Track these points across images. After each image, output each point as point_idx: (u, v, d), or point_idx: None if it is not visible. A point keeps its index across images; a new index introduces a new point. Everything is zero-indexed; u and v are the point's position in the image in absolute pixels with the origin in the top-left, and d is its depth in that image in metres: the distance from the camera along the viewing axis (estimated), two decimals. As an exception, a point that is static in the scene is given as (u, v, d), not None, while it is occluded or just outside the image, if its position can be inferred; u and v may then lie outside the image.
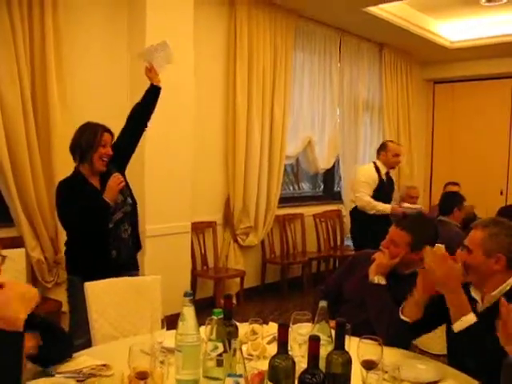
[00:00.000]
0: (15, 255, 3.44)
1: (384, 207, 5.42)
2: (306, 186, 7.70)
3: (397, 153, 5.56)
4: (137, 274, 3.36)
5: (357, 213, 5.66)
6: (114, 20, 4.69)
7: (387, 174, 5.62)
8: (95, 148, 3.12)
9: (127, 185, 3.35)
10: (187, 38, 4.93)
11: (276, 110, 6.01)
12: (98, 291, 2.72)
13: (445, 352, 2.57)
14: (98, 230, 3.14)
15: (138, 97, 4.65)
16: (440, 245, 2.22)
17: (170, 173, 4.84)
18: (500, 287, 2.11)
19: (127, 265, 3.31)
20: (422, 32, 7.04)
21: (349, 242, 7.77)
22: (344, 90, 7.18)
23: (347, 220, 7.35)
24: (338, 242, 7.24)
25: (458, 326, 2.03)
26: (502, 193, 8.40)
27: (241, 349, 1.57)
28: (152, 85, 3.56)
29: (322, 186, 7.75)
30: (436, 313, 2.19)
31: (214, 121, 5.63)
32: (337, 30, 6.94)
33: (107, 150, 3.17)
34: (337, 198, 7.53)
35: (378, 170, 5.54)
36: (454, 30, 7.47)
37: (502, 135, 8.41)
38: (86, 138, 3.14)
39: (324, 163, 6.93)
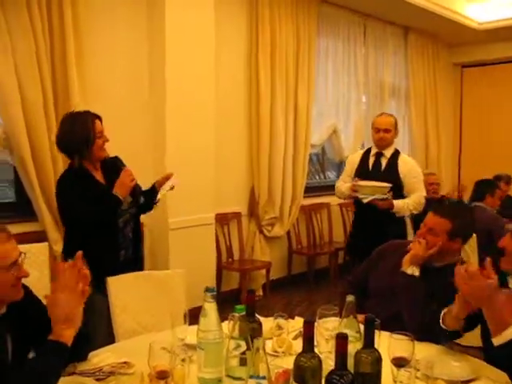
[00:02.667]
0: (38, 249, 3.41)
1: (345, 187, 4.29)
2: (331, 175, 7.57)
3: (377, 127, 4.25)
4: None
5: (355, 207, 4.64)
6: (133, 14, 4.63)
7: (378, 155, 4.26)
8: (92, 141, 2.92)
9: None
10: (208, 25, 4.86)
11: (300, 98, 5.90)
12: (120, 286, 2.68)
13: (475, 344, 2.48)
14: (108, 229, 2.99)
15: (157, 87, 4.64)
16: (472, 261, 2.12)
17: (193, 164, 4.77)
18: None
19: (132, 264, 3.15)
20: (449, 13, 6.83)
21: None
22: (369, 76, 7.02)
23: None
24: (366, 231, 7.10)
25: (497, 341, 1.91)
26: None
27: (264, 348, 1.49)
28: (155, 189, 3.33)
29: (349, 175, 7.61)
30: (474, 318, 2.08)
31: (236, 110, 5.55)
32: (361, 14, 6.78)
33: (103, 138, 3.00)
34: (363, 185, 7.38)
35: (368, 150, 4.42)
36: (482, 10, 7.23)
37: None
38: (80, 135, 2.91)
39: (350, 151, 6.77)
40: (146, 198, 3.27)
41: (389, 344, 1.74)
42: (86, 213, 2.92)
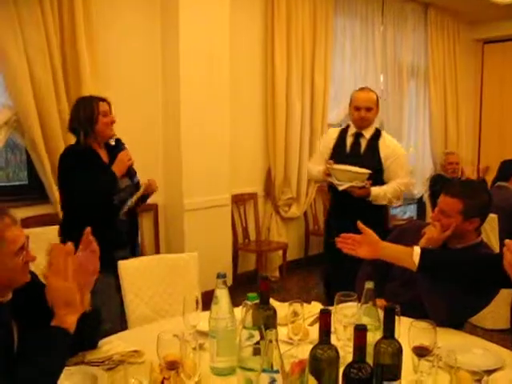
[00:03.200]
0: (50, 232, 3.37)
1: (317, 170, 3.82)
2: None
3: (357, 105, 3.68)
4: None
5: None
6: (146, 3, 4.56)
7: (357, 135, 3.74)
8: (95, 119, 3.06)
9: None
10: (223, 5, 4.74)
11: (317, 78, 5.78)
12: (132, 270, 2.64)
13: (497, 327, 2.39)
14: (103, 205, 3.04)
15: (171, 71, 4.56)
16: (492, 241, 2.03)
17: (208, 145, 4.71)
18: None
19: (125, 246, 3.22)
20: (470, -12, 6.63)
21: (395, 212, 7.57)
22: (387, 55, 6.85)
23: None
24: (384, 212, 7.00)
25: None
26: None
27: (277, 340, 1.41)
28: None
29: (366, 155, 7.51)
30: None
31: (252, 90, 5.45)
32: (379, -10, 6.61)
33: (109, 118, 3.12)
34: (381, 166, 7.27)
35: (346, 128, 3.85)
36: (505, -16, 7.01)
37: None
38: (84, 113, 3.06)
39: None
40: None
41: (409, 332, 1.66)
42: (83, 183, 2.98)
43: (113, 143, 3.25)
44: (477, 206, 2.33)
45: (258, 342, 1.55)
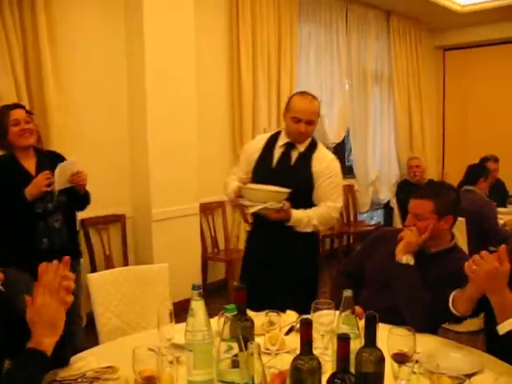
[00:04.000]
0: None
1: (232, 188, 3.10)
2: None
3: (297, 116, 2.97)
4: (77, 263, 3.29)
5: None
6: (110, 9, 4.49)
7: (289, 147, 3.06)
8: (5, 129, 2.99)
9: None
10: (188, 13, 4.71)
11: (283, 84, 5.78)
12: (101, 282, 2.57)
13: (467, 329, 2.40)
14: (18, 216, 2.99)
15: (137, 81, 4.49)
16: (461, 245, 2.05)
17: (175, 154, 4.66)
18: None
19: (63, 253, 3.12)
20: (431, -4, 6.74)
21: (362, 217, 7.62)
22: (352, 61, 6.92)
23: (360, 195, 7.18)
24: (352, 218, 7.05)
25: (503, 328, 1.83)
26: (517, 160, 8.15)
27: (259, 352, 1.38)
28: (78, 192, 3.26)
29: (333, 161, 7.53)
30: (477, 305, 2.00)
31: (219, 97, 5.42)
32: (342, -2, 6.67)
33: (21, 126, 3.02)
34: (348, 172, 7.31)
35: (275, 137, 3.15)
36: (465, -8, 7.16)
37: (516, 101, 8.11)
38: None
39: (334, 137, 6.70)
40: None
41: (388, 339, 1.64)
42: None
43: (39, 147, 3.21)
44: (447, 203, 2.37)
45: (236, 355, 1.51)
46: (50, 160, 3.16)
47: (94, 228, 4.41)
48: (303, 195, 2.98)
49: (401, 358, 1.64)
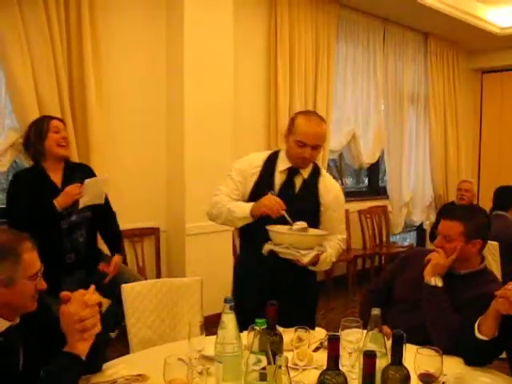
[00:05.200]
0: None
1: (241, 208, 2.68)
2: (349, 181, 7.50)
3: (302, 140, 2.66)
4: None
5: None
6: (152, 18, 4.60)
7: (292, 172, 2.76)
8: (45, 135, 3.09)
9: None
10: (227, 28, 4.81)
11: (319, 104, 5.82)
12: (135, 294, 2.62)
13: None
14: (45, 232, 2.99)
15: (175, 92, 4.60)
16: (494, 271, 2.06)
17: (211, 170, 4.69)
18: None
19: (85, 269, 3.25)
20: (469, 18, 6.72)
21: (395, 239, 7.57)
22: (388, 82, 6.92)
23: (393, 216, 7.14)
24: (384, 239, 7.02)
25: None
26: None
27: (287, 365, 1.41)
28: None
29: (367, 181, 7.54)
30: (504, 333, 1.99)
31: (254, 117, 5.48)
32: (380, 19, 6.69)
33: (61, 135, 3.14)
34: (382, 193, 7.30)
35: (273, 158, 2.82)
36: (504, 15, 7.11)
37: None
38: (34, 130, 3.11)
39: (369, 158, 6.71)
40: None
41: (415, 359, 1.66)
42: (20, 210, 3.01)
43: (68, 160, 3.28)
44: (477, 227, 2.37)
45: (264, 368, 1.54)
46: (80, 172, 3.24)
47: (129, 240, 4.49)
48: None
49: (427, 379, 1.65)
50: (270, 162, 2.79)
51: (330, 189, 2.82)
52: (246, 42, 5.27)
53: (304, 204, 2.71)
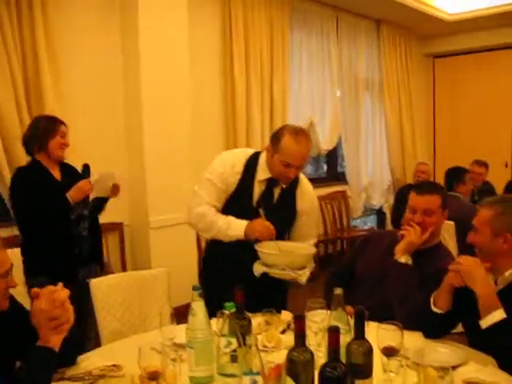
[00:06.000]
0: (12, 255, 3.36)
1: (234, 228, 2.65)
2: (308, 169, 7.61)
3: (288, 161, 2.57)
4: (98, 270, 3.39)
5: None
6: (106, 19, 4.58)
7: (271, 183, 2.72)
8: (53, 135, 3.15)
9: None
10: (181, 21, 4.82)
11: (275, 92, 5.90)
12: (103, 288, 2.66)
13: (459, 330, 2.50)
14: (57, 228, 3.10)
15: (132, 89, 4.61)
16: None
17: (171, 163, 4.75)
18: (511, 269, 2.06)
19: (89, 261, 3.31)
20: (419, 6, 6.88)
21: (355, 223, 7.73)
22: (343, 69, 7.05)
23: (353, 201, 7.29)
24: (345, 223, 7.16)
25: (486, 322, 1.94)
26: (506, 165, 8.30)
27: (256, 344, 1.49)
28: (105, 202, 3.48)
29: (326, 168, 7.66)
30: (458, 306, 2.11)
31: (212, 107, 5.52)
32: (333, 8, 6.79)
33: (65, 140, 3.22)
34: (341, 179, 7.44)
35: (253, 164, 2.74)
36: (452, 2, 7.31)
37: (505, 107, 8.24)
38: (44, 126, 3.16)
39: (326, 144, 6.82)
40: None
41: (377, 334, 1.75)
42: (31, 201, 3.05)
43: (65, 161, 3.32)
44: (446, 197, 2.52)
45: (235, 350, 1.61)
46: (71, 170, 3.34)
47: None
48: (280, 231, 2.73)
49: (389, 352, 1.74)
50: (250, 169, 2.72)
51: (305, 196, 2.84)
52: (201, 33, 5.29)
53: (281, 213, 2.73)
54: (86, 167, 3.30)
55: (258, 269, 2.53)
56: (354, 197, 7.34)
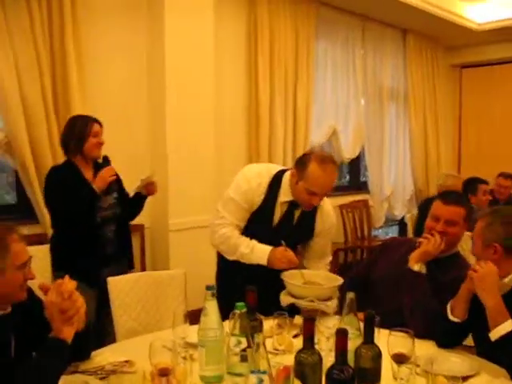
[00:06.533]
0: (39, 252, 3.43)
1: (257, 255, 2.64)
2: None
3: (313, 190, 2.53)
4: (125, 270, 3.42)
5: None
6: (133, 19, 4.64)
7: (292, 205, 2.71)
8: (86, 138, 3.22)
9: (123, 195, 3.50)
10: (207, 28, 4.86)
11: (299, 100, 5.90)
12: (121, 286, 2.70)
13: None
14: (84, 221, 3.16)
15: (157, 92, 4.66)
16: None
17: (194, 166, 4.78)
18: (510, 275, 2.07)
19: (116, 262, 3.35)
20: (447, 15, 6.82)
21: (377, 233, 7.69)
22: (368, 78, 7.02)
23: (374, 210, 7.26)
24: (366, 233, 7.13)
25: (495, 334, 1.93)
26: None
27: (264, 343, 1.50)
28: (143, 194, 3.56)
29: (348, 177, 7.64)
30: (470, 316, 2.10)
31: (236, 113, 5.54)
32: (359, 16, 6.77)
33: (99, 139, 3.29)
34: (363, 188, 7.41)
35: (277, 184, 2.71)
36: (481, 11, 7.23)
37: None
38: (78, 129, 3.23)
39: (349, 153, 6.80)
40: (131, 205, 3.54)
41: (388, 340, 1.75)
42: (62, 201, 3.12)
43: (100, 161, 3.37)
44: (469, 211, 2.49)
45: (245, 350, 1.63)
46: (102, 164, 3.36)
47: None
48: (293, 247, 2.71)
49: (400, 359, 1.73)
50: (273, 190, 2.69)
51: (326, 220, 2.81)
52: (227, 40, 5.33)
53: (300, 234, 2.75)
54: (106, 158, 3.37)
55: (284, 300, 2.49)
56: (376, 206, 7.30)
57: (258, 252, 2.61)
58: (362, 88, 6.93)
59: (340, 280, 2.53)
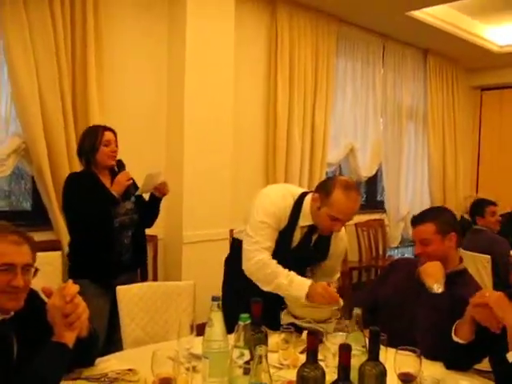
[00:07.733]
0: (52, 258, 3.46)
1: (296, 288, 2.53)
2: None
3: (337, 216, 2.53)
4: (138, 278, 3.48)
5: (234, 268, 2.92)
6: (154, 25, 4.69)
7: (311, 230, 2.73)
8: (97, 148, 3.23)
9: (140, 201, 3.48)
10: (228, 44, 4.91)
11: (317, 117, 5.91)
12: (130, 295, 2.70)
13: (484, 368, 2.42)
14: (103, 226, 3.16)
15: (176, 104, 4.69)
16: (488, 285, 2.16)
17: (209, 180, 4.80)
18: None
19: (131, 269, 3.38)
20: (469, 36, 6.82)
21: (392, 253, 7.62)
22: (387, 97, 7.02)
23: (390, 229, 7.20)
24: (381, 252, 7.07)
25: None
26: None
27: (266, 356, 1.48)
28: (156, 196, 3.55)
29: (365, 195, 7.60)
30: (486, 339, 2.02)
31: (254, 127, 5.56)
32: (380, 35, 6.80)
33: (111, 148, 3.29)
34: (379, 207, 7.36)
35: (298, 207, 2.70)
36: (503, 33, 7.22)
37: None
38: (89, 141, 3.26)
39: (366, 171, 6.78)
40: (147, 209, 3.52)
41: (395, 359, 1.72)
42: (80, 206, 3.15)
43: (116, 169, 3.38)
44: (447, 221, 2.45)
45: (248, 362, 1.61)
46: (118, 169, 3.38)
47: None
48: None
49: (406, 378, 1.71)
50: (295, 213, 2.69)
51: (339, 244, 2.84)
52: (247, 55, 5.36)
53: (315, 255, 2.79)
54: (120, 162, 3.38)
55: (285, 318, 2.49)
56: (392, 226, 7.25)
57: (297, 284, 2.53)
58: (380, 106, 6.92)
59: (340, 303, 2.50)
